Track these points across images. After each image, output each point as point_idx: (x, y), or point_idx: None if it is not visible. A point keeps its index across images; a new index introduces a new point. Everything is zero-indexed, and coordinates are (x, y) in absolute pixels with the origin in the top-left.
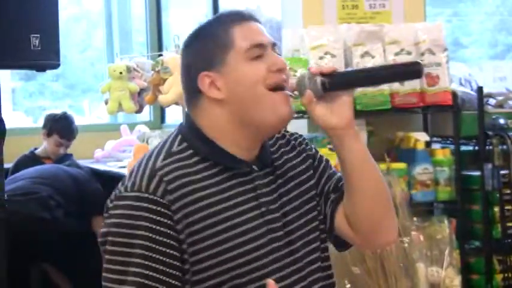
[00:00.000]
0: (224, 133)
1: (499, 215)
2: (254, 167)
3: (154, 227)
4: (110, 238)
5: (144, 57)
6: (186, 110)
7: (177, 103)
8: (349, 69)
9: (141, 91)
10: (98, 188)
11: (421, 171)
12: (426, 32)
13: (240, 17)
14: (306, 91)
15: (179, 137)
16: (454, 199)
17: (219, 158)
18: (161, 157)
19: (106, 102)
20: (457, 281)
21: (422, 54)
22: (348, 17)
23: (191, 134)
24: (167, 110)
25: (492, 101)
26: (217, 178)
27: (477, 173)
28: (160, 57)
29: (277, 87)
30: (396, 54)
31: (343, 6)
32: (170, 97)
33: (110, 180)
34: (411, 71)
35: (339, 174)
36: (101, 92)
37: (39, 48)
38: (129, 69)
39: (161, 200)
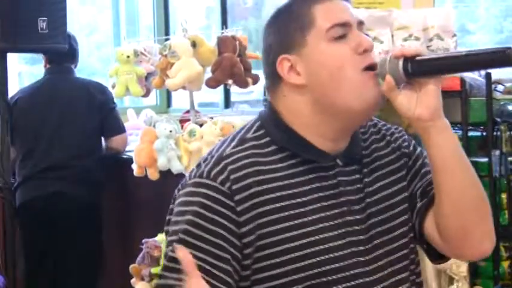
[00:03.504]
0: (306, 122)
1: (506, 201)
2: (338, 161)
3: (207, 213)
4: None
5: (151, 41)
6: (267, 96)
7: (184, 87)
8: (437, 54)
9: (148, 75)
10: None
11: None
12: (435, 18)
13: None
14: (386, 76)
15: (258, 123)
16: None
17: (298, 149)
18: (233, 144)
19: (113, 86)
20: (464, 267)
21: (431, 39)
22: (357, 1)
23: (270, 120)
24: (174, 95)
25: (500, 88)
26: (293, 170)
27: (485, 160)
28: (168, 41)
29: (368, 68)
30: (404, 39)
31: None
32: (178, 81)
33: (117, 164)
34: (503, 58)
35: (431, 175)
36: (108, 76)
37: (47, 32)
38: (136, 53)
39: (221, 187)
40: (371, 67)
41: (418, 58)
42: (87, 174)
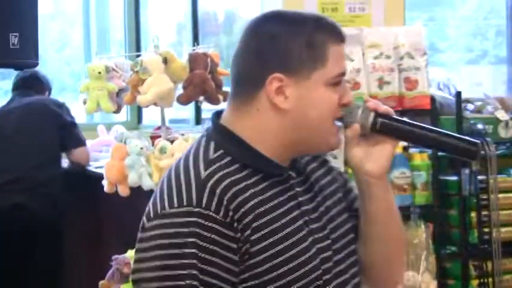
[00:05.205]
0: (267, 138)
1: (475, 220)
2: (291, 173)
3: (205, 245)
4: (151, 264)
5: (122, 57)
6: (228, 102)
7: (155, 104)
8: (407, 120)
9: (120, 91)
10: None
11: (399, 175)
12: (406, 36)
13: (339, 37)
14: (353, 124)
15: (212, 143)
16: (431, 203)
17: (259, 165)
18: (202, 166)
19: (84, 102)
20: (433, 285)
21: (402, 58)
22: None
23: (225, 139)
24: (144, 111)
25: (470, 106)
26: (261, 185)
27: (454, 178)
28: (140, 58)
29: (339, 118)
30: (375, 57)
31: (323, 9)
32: (149, 97)
33: (87, 180)
34: (469, 151)
35: (355, 192)
36: (79, 92)
37: (18, 47)
38: (107, 69)
39: (215, 216)
40: (341, 118)
41: (390, 117)
42: (48, 187)
